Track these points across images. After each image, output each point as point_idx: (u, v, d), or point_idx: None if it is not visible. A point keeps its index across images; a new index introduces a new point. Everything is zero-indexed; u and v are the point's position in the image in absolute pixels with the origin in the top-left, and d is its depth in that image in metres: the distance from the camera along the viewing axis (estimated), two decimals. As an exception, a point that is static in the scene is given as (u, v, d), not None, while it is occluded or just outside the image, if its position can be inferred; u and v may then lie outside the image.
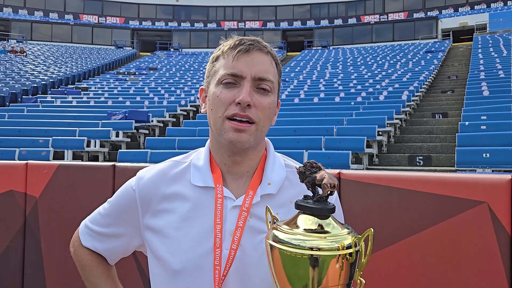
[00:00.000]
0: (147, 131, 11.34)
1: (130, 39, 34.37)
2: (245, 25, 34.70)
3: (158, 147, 9.00)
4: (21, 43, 28.32)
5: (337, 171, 2.19)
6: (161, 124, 11.80)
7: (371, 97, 12.24)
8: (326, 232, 0.74)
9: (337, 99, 12.38)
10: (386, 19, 32.46)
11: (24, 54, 24.52)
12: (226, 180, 1.01)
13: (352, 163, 7.65)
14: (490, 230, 1.84)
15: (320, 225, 0.75)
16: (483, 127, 8.09)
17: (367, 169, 8.00)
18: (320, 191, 0.78)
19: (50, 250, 2.90)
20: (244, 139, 0.95)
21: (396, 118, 9.98)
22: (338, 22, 33.68)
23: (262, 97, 0.97)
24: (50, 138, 9.47)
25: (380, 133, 8.99)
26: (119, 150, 9.34)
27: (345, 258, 0.73)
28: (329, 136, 8.35)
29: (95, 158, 9.86)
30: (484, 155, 6.68)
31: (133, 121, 10.81)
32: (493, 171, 6.52)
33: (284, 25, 34.64)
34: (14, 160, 7.90)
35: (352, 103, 11.69)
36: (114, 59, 25.51)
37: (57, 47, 29.97)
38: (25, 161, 3.05)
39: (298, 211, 0.78)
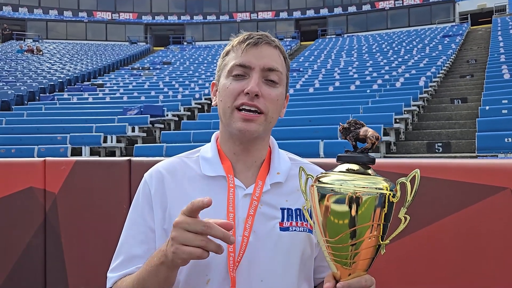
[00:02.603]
0: (162, 126, 11.41)
1: (143, 34, 34.56)
2: (257, 16, 34.49)
3: (174, 141, 9.05)
4: (37, 42, 28.77)
5: (353, 160, 2.14)
6: (176, 118, 11.85)
7: (388, 84, 12.05)
8: (368, 174, 0.81)
9: (352, 88, 12.23)
10: (401, 4, 31.79)
11: (41, 53, 24.90)
12: (235, 170, 1.04)
13: (369, 152, 7.56)
14: (514, 217, 1.78)
15: (362, 172, 0.82)
16: (504, 111, 7.88)
17: (385, 157, 7.90)
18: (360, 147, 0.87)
19: (70, 245, 2.94)
20: (253, 128, 0.98)
21: (413, 105, 9.81)
22: (352, 9, 33.16)
23: (271, 88, 1.00)
24: (67, 135, 9.62)
25: (398, 120, 8.85)
26: (135, 145, 9.43)
27: (387, 199, 0.79)
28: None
29: (112, 154, 9.98)
30: (506, 139, 6.51)
31: (149, 115, 10.88)
32: (515, 156, 6.36)
33: (297, 14, 34.29)
34: (33, 157, 8.05)
35: (368, 91, 11.53)
36: (128, 54, 25.71)
37: (72, 45, 30.34)
38: (43, 158, 3.08)
39: (340, 162, 0.85)
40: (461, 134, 8.44)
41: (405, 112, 9.23)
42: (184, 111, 12.36)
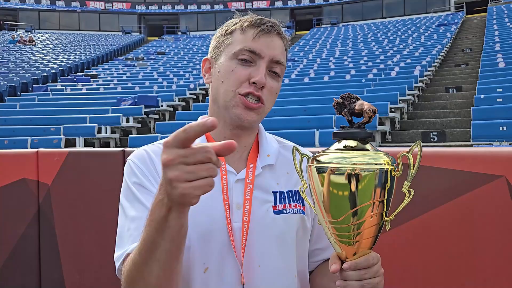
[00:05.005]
0: (157, 116, 11.36)
1: (137, 24, 34.22)
2: (252, 5, 34.19)
3: (168, 131, 8.98)
4: (29, 33, 28.40)
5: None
6: (171, 109, 11.79)
7: (383, 74, 12.03)
8: (367, 150, 0.78)
9: (347, 77, 12.20)
10: (396, -7, 31.64)
11: (33, 43, 24.61)
12: None
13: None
14: (509, 204, 1.78)
15: (361, 148, 0.79)
16: (499, 99, 7.89)
17: (380, 146, 7.91)
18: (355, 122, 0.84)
19: (64, 236, 2.93)
20: (253, 117, 0.97)
21: (408, 94, 9.80)
22: (347, -2, 32.97)
23: (273, 81, 0.99)
24: (61, 126, 9.55)
25: (393, 109, 8.85)
26: (130, 135, 9.39)
27: (389, 174, 0.76)
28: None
29: (107, 145, 9.93)
30: (500, 128, 6.53)
31: (143, 106, 10.82)
32: (510, 144, 6.38)
33: (292, 3, 34.05)
34: (27, 148, 7.99)
35: (363, 80, 11.50)
36: (122, 45, 25.48)
37: (65, 35, 30.02)
38: (36, 149, 3.05)
39: (336, 139, 0.81)
40: (456, 123, 8.46)
41: (400, 101, 9.22)
42: (178, 101, 12.29)
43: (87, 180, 2.83)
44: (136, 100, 11.28)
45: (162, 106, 11.55)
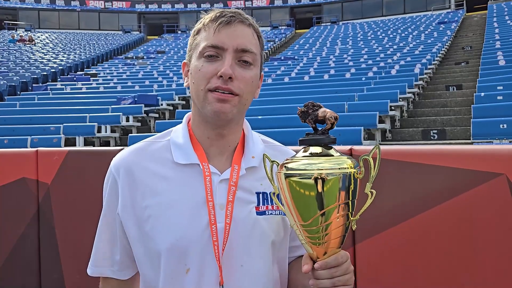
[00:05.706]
0: (157, 115, 11.35)
1: (137, 23, 34.19)
2: (252, 4, 34.14)
3: (169, 130, 9.00)
4: (29, 32, 28.37)
5: (348, 147, 2.13)
6: (171, 107, 11.77)
7: (383, 72, 12.01)
8: (331, 155, 0.83)
9: (347, 75, 12.19)
10: (396, -9, 31.57)
11: (33, 42, 24.60)
12: (209, 155, 1.01)
13: (364, 139, 7.55)
14: (509, 202, 1.77)
15: (325, 153, 0.84)
16: (500, 97, 7.87)
17: (380, 144, 7.89)
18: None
19: (64, 235, 2.93)
20: (227, 109, 0.95)
21: (408, 92, 9.79)
22: (347, -4, 32.90)
23: (245, 70, 0.96)
24: (61, 125, 9.54)
25: (393, 108, 8.83)
26: (130, 134, 9.38)
27: (353, 176, 0.81)
28: (340, 113, 8.22)
29: (106, 144, 9.93)
30: (501, 126, 6.52)
31: (143, 105, 10.81)
32: (510, 142, 6.38)
33: (292, 2, 33.99)
34: (26, 148, 7.98)
35: (363, 78, 11.49)
36: (122, 44, 25.46)
37: (65, 35, 30.00)
38: (35, 148, 3.04)
39: (303, 147, 0.86)
40: (456, 121, 8.45)
41: (401, 100, 9.21)
42: (178, 100, 12.27)
43: (86, 179, 2.83)
44: (136, 99, 11.27)
45: (162, 105, 11.54)
